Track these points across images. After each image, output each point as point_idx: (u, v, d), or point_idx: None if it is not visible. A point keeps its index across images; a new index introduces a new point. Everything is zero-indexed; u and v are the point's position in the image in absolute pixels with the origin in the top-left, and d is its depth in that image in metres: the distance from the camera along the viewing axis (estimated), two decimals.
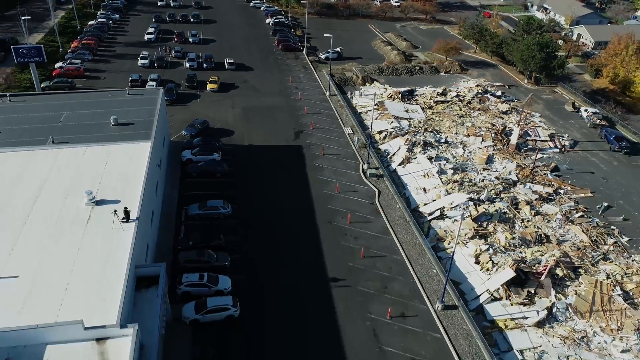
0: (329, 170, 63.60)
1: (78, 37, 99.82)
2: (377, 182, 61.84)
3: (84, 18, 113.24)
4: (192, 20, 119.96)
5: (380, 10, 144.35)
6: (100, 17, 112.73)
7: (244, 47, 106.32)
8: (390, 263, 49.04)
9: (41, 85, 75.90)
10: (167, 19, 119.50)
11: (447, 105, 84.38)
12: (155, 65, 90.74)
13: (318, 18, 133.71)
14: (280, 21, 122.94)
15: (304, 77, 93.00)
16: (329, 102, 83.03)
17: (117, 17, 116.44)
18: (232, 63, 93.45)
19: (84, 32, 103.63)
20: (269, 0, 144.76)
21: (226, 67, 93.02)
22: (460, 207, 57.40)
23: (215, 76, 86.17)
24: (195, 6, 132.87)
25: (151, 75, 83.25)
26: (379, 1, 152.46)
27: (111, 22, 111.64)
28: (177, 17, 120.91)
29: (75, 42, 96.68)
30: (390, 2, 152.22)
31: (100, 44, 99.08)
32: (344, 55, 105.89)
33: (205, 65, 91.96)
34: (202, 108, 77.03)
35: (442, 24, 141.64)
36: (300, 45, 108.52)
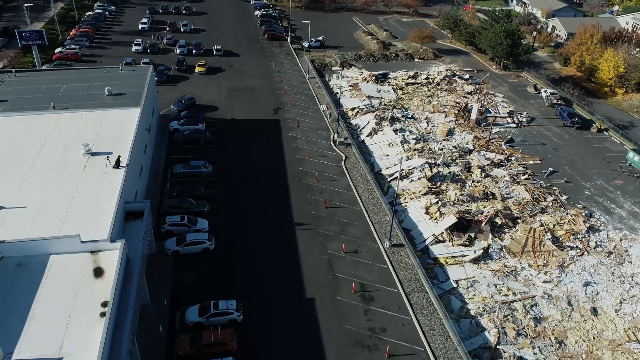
0: (302, 139, 70.61)
1: (76, 26, 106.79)
2: (345, 149, 68.82)
3: (82, 9, 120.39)
4: (184, 12, 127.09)
5: (365, 4, 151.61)
6: (97, 8, 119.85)
7: (232, 36, 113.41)
8: (350, 212, 56.07)
9: (42, 68, 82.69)
10: (160, 11, 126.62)
11: (417, 87, 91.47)
12: (148, 51, 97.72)
13: (306, 11, 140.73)
14: (267, 13, 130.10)
15: (287, 63, 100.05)
16: (308, 84, 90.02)
17: (113, 9, 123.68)
18: (220, 49, 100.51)
19: (82, 21, 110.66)
20: None
21: (214, 53, 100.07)
22: (417, 169, 64.41)
23: (203, 60, 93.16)
24: None
25: (144, 60, 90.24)
26: None
27: (107, 13, 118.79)
28: (170, 8, 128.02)
29: (73, 31, 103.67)
30: None
31: (97, 32, 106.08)
32: (326, 44, 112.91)
33: (194, 51, 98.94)
34: (190, 88, 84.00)
35: (424, 17, 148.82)
36: (285, 34, 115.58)
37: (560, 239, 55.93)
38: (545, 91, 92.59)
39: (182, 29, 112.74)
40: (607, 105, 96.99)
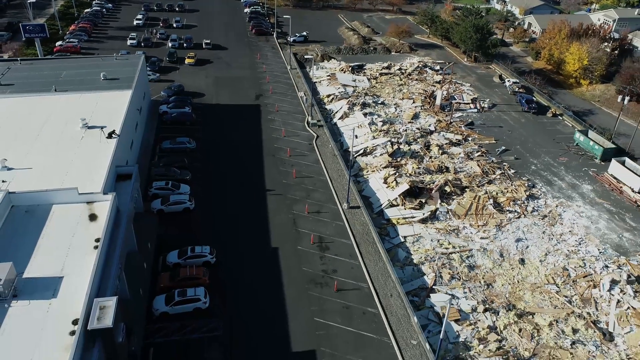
0: (279, 121, 78.21)
1: (75, 22, 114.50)
2: (317, 130, 76.39)
3: (81, 6, 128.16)
4: (177, 9, 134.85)
5: (350, 2, 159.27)
6: (95, 5, 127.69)
7: (221, 31, 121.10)
8: (316, 181, 63.66)
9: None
10: (155, 8, 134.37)
11: (390, 77, 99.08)
12: (142, 45, 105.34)
13: (293, 9, 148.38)
14: (256, 10, 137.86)
15: (271, 55, 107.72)
16: (289, 74, 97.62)
17: (110, 6, 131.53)
18: (209, 43, 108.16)
19: (80, 17, 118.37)
20: None
21: (204, 46, 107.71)
22: (380, 146, 72.00)
23: (193, 52, 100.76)
24: None
25: (138, 52, 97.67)
26: None
27: (104, 10, 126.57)
28: (163, 6, 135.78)
29: (73, 26, 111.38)
30: None
31: (94, 27, 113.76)
32: (310, 39, 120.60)
33: (185, 45, 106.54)
34: (179, 77, 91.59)
35: (407, 14, 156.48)
36: (272, 30, 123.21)
37: (501, 204, 63.46)
38: (509, 80, 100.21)
39: (174, 25, 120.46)
40: (572, 95, 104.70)
